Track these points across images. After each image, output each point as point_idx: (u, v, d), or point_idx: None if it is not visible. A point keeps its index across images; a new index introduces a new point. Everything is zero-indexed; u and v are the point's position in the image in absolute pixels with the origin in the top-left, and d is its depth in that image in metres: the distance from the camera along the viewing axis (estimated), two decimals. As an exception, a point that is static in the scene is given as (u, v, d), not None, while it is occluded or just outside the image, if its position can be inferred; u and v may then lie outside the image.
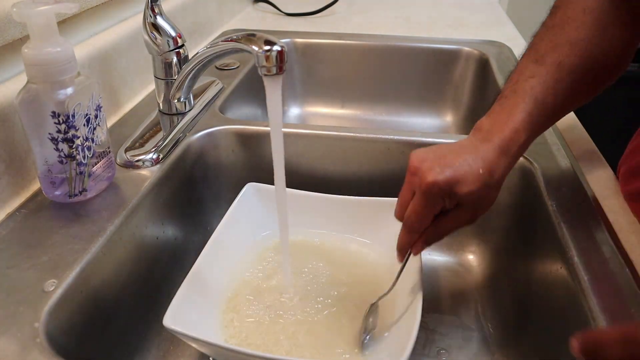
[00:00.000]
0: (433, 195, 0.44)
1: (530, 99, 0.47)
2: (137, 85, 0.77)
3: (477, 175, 0.43)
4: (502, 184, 0.47)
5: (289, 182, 0.51)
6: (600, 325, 0.40)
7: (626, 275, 0.45)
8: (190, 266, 0.51)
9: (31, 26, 0.46)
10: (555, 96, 0.48)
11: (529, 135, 0.47)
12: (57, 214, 0.52)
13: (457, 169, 0.43)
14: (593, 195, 0.56)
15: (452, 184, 0.43)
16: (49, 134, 0.49)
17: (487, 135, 0.46)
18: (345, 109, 1.06)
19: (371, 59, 1.02)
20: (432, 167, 0.44)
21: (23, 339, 0.39)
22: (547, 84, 0.47)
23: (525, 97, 0.47)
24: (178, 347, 0.58)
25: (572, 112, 0.75)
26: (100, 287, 0.49)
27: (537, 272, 0.56)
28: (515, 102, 0.47)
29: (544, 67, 0.48)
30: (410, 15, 1.21)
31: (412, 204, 0.46)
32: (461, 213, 0.46)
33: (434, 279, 0.67)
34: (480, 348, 0.58)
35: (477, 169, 0.44)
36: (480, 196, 0.45)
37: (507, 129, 0.45)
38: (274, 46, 0.45)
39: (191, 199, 0.68)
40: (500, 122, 0.46)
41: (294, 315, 0.53)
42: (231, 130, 0.70)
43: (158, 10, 0.66)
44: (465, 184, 0.43)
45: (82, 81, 0.50)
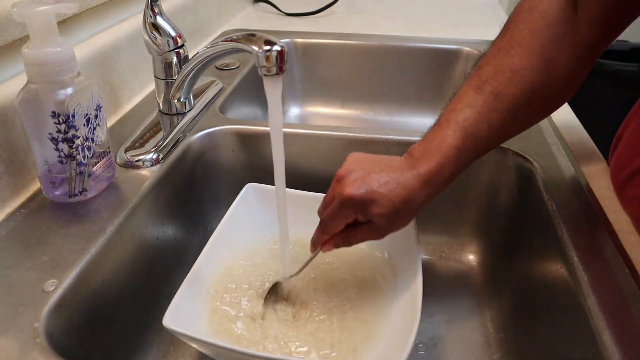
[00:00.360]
0: (347, 207, 0.47)
1: (461, 132, 0.47)
2: (137, 85, 0.77)
3: (392, 202, 0.45)
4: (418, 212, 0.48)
5: (289, 182, 0.51)
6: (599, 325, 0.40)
7: (626, 275, 0.45)
8: (190, 266, 0.51)
9: (31, 26, 0.46)
10: (490, 126, 0.47)
11: (455, 169, 0.47)
12: (57, 214, 0.52)
13: (375, 190, 0.45)
14: (593, 195, 0.56)
15: (367, 202, 0.45)
16: (49, 134, 0.49)
17: (415, 162, 0.47)
18: (345, 109, 1.06)
19: (371, 59, 1.02)
20: (355, 181, 0.46)
21: (23, 339, 0.39)
22: (482, 115, 0.47)
23: (457, 129, 0.47)
24: (178, 347, 0.58)
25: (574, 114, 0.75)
26: (100, 287, 0.49)
27: (537, 272, 0.56)
28: (446, 134, 0.47)
29: (482, 96, 0.47)
30: (410, 15, 1.21)
31: (330, 208, 0.49)
32: (371, 229, 0.48)
33: (434, 278, 0.67)
34: (480, 348, 0.58)
35: (395, 196, 0.45)
36: (391, 219, 0.47)
37: (433, 162, 0.46)
38: (274, 46, 0.45)
39: (191, 199, 0.68)
40: (429, 152, 0.47)
41: (293, 314, 0.53)
42: (231, 130, 0.70)
43: (158, 10, 0.66)
44: (378, 206, 0.45)
45: (82, 81, 0.50)
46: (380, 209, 0.46)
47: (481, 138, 0.47)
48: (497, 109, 0.47)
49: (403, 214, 0.47)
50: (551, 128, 0.69)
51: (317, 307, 0.54)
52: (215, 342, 0.43)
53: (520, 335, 0.56)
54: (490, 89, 0.47)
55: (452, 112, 0.48)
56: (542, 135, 0.67)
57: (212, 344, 0.43)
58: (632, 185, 0.51)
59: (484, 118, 0.47)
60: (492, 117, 0.47)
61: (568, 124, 0.72)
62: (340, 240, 0.50)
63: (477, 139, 0.47)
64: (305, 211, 0.62)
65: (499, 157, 0.65)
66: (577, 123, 0.72)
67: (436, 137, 0.47)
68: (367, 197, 0.45)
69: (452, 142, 0.47)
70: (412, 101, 1.04)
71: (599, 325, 0.40)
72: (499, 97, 0.47)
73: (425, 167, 0.47)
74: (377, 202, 0.45)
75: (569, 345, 0.45)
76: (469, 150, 0.47)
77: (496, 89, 0.47)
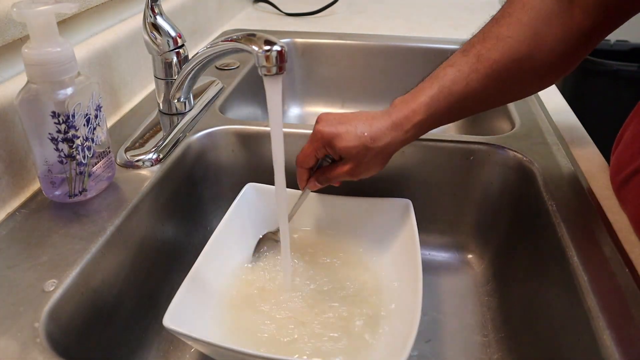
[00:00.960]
0: (316, 140, 0.52)
1: (437, 84, 0.50)
2: (137, 85, 0.77)
3: (357, 136, 0.50)
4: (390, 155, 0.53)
5: (289, 182, 0.51)
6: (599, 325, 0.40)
7: (626, 275, 0.45)
8: (190, 266, 0.51)
9: (31, 26, 0.46)
10: (467, 85, 0.49)
11: (426, 116, 0.50)
12: (57, 214, 0.52)
13: (343, 127, 0.50)
14: (593, 196, 0.56)
15: (333, 136, 0.50)
16: (49, 134, 0.49)
17: (391, 110, 0.52)
18: (345, 109, 1.06)
19: (371, 59, 1.02)
20: (327, 121, 0.52)
21: (23, 339, 0.39)
22: (461, 72, 0.50)
23: (434, 82, 0.50)
24: (178, 347, 0.58)
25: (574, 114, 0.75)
26: (100, 287, 0.48)
27: (537, 272, 0.56)
28: (424, 86, 0.51)
29: (465, 57, 0.50)
30: (410, 15, 1.21)
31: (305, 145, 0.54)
32: (343, 165, 0.52)
33: (434, 278, 0.67)
34: (480, 348, 0.58)
35: (362, 132, 0.50)
36: (359, 154, 0.51)
37: (406, 109, 0.51)
38: (274, 46, 0.45)
39: (191, 199, 0.68)
40: (405, 101, 0.51)
41: (294, 315, 0.53)
42: (231, 130, 0.70)
43: (158, 10, 0.66)
44: (344, 140, 0.50)
45: (82, 81, 0.50)
46: (346, 142, 0.50)
47: (457, 93, 0.50)
48: (476, 70, 0.49)
49: (372, 151, 0.50)
50: (551, 128, 0.69)
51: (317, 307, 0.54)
52: (215, 342, 0.43)
53: (520, 335, 0.56)
54: (474, 52, 0.50)
55: (437, 70, 0.51)
56: (542, 135, 0.67)
57: (212, 344, 0.43)
58: (630, 185, 0.51)
59: (463, 76, 0.49)
60: (471, 77, 0.49)
61: (568, 124, 0.72)
62: (320, 177, 0.54)
63: (451, 93, 0.50)
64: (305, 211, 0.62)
65: (499, 157, 0.65)
66: (577, 123, 0.72)
67: (416, 90, 0.51)
68: (334, 132, 0.50)
69: (429, 91, 0.50)
70: (412, 101, 1.04)
71: (599, 325, 0.40)
72: (480, 58, 0.49)
73: (397, 114, 0.51)
74: (342, 136, 0.50)
75: (569, 345, 0.45)
76: (441, 101, 0.50)
77: (479, 52, 0.49)
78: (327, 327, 0.51)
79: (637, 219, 0.49)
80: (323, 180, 0.55)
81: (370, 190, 0.64)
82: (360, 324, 0.52)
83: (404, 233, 0.58)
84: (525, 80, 0.51)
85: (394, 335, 0.50)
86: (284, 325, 0.51)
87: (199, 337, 0.43)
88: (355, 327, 0.51)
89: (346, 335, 0.50)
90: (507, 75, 0.49)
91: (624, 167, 0.53)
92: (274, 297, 0.55)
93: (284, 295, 0.55)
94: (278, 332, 0.51)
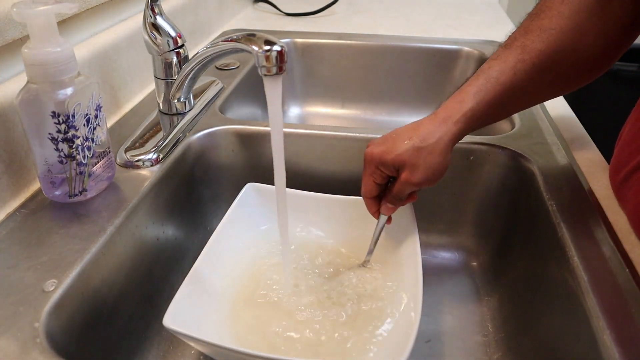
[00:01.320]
0: (368, 163, 0.51)
1: (483, 76, 0.50)
2: (137, 85, 0.77)
3: (404, 143, 0.49)
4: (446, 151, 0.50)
5: (289, 182, 0.51)
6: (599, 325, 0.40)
7: (626, 275, 0.45)
8: (190, 266, 0.51)
9: (31, 26, 0.46)
10: (514, 75, 0.49)
11: (474, 104, 0.49)
12: (57, 214, 0.52)
13: (390, 142, 0.50)
14: (593, 195, 0.56)
15: (382, 153, 0.50)
16: (49, 134, 0.49)
17: (438, 110, 0.50)
18: (345, 109, 1.06)
19: (371, 59, 1.02)
20: (375, 143, 0.51)
21: (23, 339, 0.39)
22: (507, 63, 0.49)
23: (480, 75, 0.50)
24: (178, 347, 0.58)
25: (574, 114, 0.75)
26: (100, 287, 0.48)
27: (537, 272, 0.56)
28: (470, 81, 0.50)
29: (510, 49, 0.50)
30: (410, 15, 1.21)
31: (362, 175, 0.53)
32: (403, 176, 0.50)
33: (434, 278, 0.67)
34: (480, 348, 0.58)
35: (409, 137, 0.49)
36: (411, 157, 0.49)
37: (453, 102, 0.50)
38: (274, 46, 0.45)
39: (191, 199, 0.68)
40: (451, 98, 0.51)
41: (293, 315, 0.53)
42: (231, 130, 0.70)
43: (158, 10, 0.66)
44: (393, 151, 0.49)
45: (82, 81, 0.50)
46: (396, 151, 0.49)
47: (505, 83, 0.49)
48: (523, 60, 0.49)
49: (424, 151, 0.49)
50: (551, 128, 0.69)
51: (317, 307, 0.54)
52: (215, 342, 0.43)
53: (520, 335, 0.56)
54: (518, 44, 0.50)
55: (481, 66, 0.51)
56: (542, 135, 0.67)
57: (212, 344, 0.43)
58: (629, 183, 0.51)
59: (510, 66, 0.49)
60: (518, 67, 0.49)
61: (568, 123, 0.72)
62: (389, 198, 0.52)
63: (499, 82, 0.49)
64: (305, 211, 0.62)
65: (499, 157, 0.65)
66: (577, 123, 0.72)
67: (461, 87, 0.51)
68: (382, 149, 0.49)
69: (475, 82, 0.50)
70: (412, 101, 1.04)
71: (599, 325, 0.40)
72: (526, 49, 0.49)
73: (444, 109, 0.50)
74: (390, 148, 0.49)
75: (569, 345, 0.45)
76: (489, 90, 0.49)
77: (524, 44, 0.49)
78: (327, 327, 0.51)
79: (636, 216, 0.49)
80: (392, 200, 0.52)
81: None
82: (360, 324, 0.52)
83: (404, 233, 0.58)
84: (571, 73, 0.51)
85: (394, 335, 0.50)
86: (284, 325, 0.51)
87: (199, 337, 0.43)
88: (355, 327, 0.51)
89: (346, 336, 0.50)
90: (553, 66, 0.49)
91: (623, 165, 0.53)
92: (274, 297, 0.55)
93: (284, 295, 0.55)
94: (278, 332, 0.51)
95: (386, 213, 0.54)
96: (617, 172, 0.54)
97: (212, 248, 0.55)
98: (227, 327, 0.51)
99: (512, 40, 0.51)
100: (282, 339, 0.50)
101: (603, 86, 1.60)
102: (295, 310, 0.53)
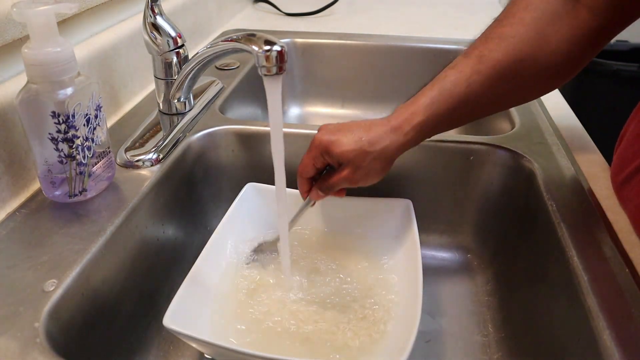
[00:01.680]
0: (314, 148, 0.52)
1: (437, 86, 0.49)
2: (137, 85, 0.77)
3: (354, 141, 0.49)
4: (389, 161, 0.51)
5: (289, 182, 0.51)
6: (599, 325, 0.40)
7: (626, 275, 0.45)
8: (190, 266, 0.51)
9: (31, 26, 0.46)
10: (468, 87, 0.48)
11: (425, 118, 0.49)
12: (57, 214, 0.52)
13: (340, 134, 0.50)
14: (593, 195, 0.56)
15: (330, 142, 0.50)
16: (49, 134, 0.49)
17: (391, 116, 0.51)
18: (345, 109, 1.06)
19: (371, 59, 1.02)
20: (326, 130, 0.51)
21: (23, 339, 0.39)
22: (463, 74, 0.48)
23: (435, 85, 0.49)
24: (178, 347, 0.58)
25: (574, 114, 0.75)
26: (100, 287, 0.48)
27: (537, 272, 0.56)
28: (425, 90, 0.50)
29: (468, 58, 0.49)
30: (410, 15, 1.21)
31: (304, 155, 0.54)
32: (342, 171, 0.51)
33: (434, 278, 0.67)
34: (480, 348, 0.58)
35: (359, 137, 0.49)
36: (356, 158, 0.49)
37: (406, 112, 0.50)
38: (274, 46, 0.45)
39: (191, 199, 0.68)
40: (405, 106, 0.50)
41: (293, 315, 0.53)
42: (231, 130, 0.70)
43: (158, 10, 0.66)
44: (340, 145, 0.50)
45: (82, 81, 0.50)
46: (343, 147, 0.49)
47: (458, 95, 0.48)
48: (478, 71, 0.48)
49: (370, 155, 0.49)
50: (551, 128, 0.69)
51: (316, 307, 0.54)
52: (216, 342, 0.43)
53: (520, 335, 0.56)
54: (476, 53, 0.49)
55: (438, 74, 0.50)
56: (542, 135, 0.67)
57: (212, 344, 0.43)
58: (632, 184, 0.51)
59: (464, 77, 0.48)
60: (473, 78, 0.48)
61: (568, 124, 0.72)
62: (321, 185, 0.53)
63: (452, 95, 0.48)
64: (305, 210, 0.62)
65: (499, 157, 0.65)
66: (577, 123, 0.72)
67: (416, 95, 0.51)
68: (332, 139, 0.50)
69: (429, 93, 0.49)
70: (412, 101, 1.04)
71: (599, 325, 0.40)
72: (483, 59, 0.48)
73: (396, 118, 0.50)
74: (339, 142, 0.50)
75: (569, 345, 0.45)
76: (441, 103, 0.49)
77: (481, 53, 0.48)
78: (327, 327, 0.51)
79: (637, 216, 0.49)
80: (324, 188, 0.53)
81: (370, 190, 0.64)
82: (361, 324, 0.52)
83: (405, 233, 0.58)
84: (530, 82, 0.50)
85: (394, 335, 0.50)
86: (284, 325, 0.51)
87: (199, 337, 0.43)
88: (355, 326, 0.51)
89: (346, 336, 0.50)
90: (511, 76, 0.48)
91: (625, 165, 0.53)
92: (274, 297, 0.55)
93: (284, 295, 0.55)
94: (278, 331, 0.51)
95: (315, 198, 0.55)
96: (620, 172, 0.53)
97: (212, 248, 0.55)
98: (227, 327, 0.51)
99: (472, 49, 0.49)
100: (282, 339, 0.50)
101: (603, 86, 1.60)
102: (296, 309, 0.53)
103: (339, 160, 0.50)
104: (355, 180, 0.51)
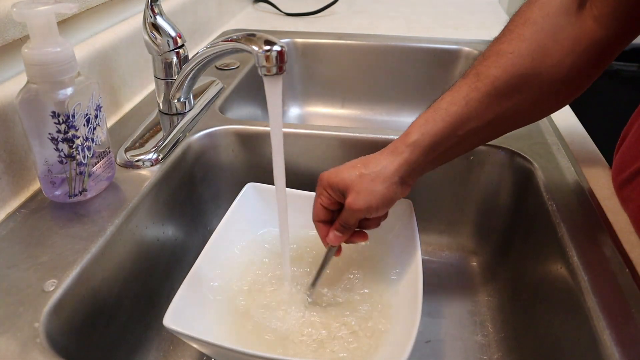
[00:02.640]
0: (318, 187, 0.52)
1: (433, 106, 0.49)
2: (137, 85, 0.77)
3: (351, 167, 0.50)
4: (389, 180, 0.49)
5: (289, 182, 0.51)
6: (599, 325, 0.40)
7: (626, 275, 0.45)
8: (190, 266, 0.51)
9: (31, 26, 0.46)
10: (467, 104, 0.47)
11: (419, 135, 0.48)
12: (57, 214, 0.52)
13: (339, 168, 0.51)
14: (593, 195, 0.56)
15: (329, 175, 0.51)
16: (49, 134, 0.49)
17: (386, 147, 0.51)
18: (345, 109, 1.07)
19: (371, 59, 1.02)
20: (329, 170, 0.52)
21: (23, 339, 0.39)
22: (459, 92, 0.48)
23: (431, 107, 0.49)
24: (178, 347, 0.58)
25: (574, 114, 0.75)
26: (100, 287, 0.49)
27: (537, 272, 0.56)
28: (420, 115, 0.50)
29: (465, 78, 0.48)
30: (410, 15, 1.21)
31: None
32: (347, 202, 0.50)
33: (434, 278, 0.67)
34: (480, 348, 0.58)
35: (355, 164, 0.50)
36: (354, 181, 0.49)
37: (401, 136, 0.50)
38: (274, 46, 0.45)
39: (191, 199, 0.68)
40: (402, 134, 0.50)
41: (293, 315, 0.53)
42: (231, 130, 0.70)
43: (158, 10, 0.66)
44: (338, 174, 0.50)
45: (82, 81, 0.50)
46: (342, 174, 0.50)
47: (455, 114, 0.47)
48: (476, 88, 0.47)
49: (367, 177, 0.49)
50: (551, 128, 0.69)
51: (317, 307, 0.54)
52: (216, 342, 0.43)
53: (520, 335, 0.56)
54: (474, 72, 0.48)
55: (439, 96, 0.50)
56: (542, 135, 0.67)
57: (212, 344, 0.43)
58: (633, 184, 0.51)
59: (461, 96, 0.47)
60: (470, 96, 0.47)
61: (568, 123, 0.72)
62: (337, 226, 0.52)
63: (448, 114, 0.48)
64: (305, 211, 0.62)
65: (499, 157, 0.65)
66: (577, 123, 0.72)
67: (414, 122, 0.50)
68: (331, 172, 0.51)
69: (421, 115, 0.49)
70: (412, 101, 1.04)
71: (599, 325, 0.40)
72: (480, 76, 0.47)
73: (393, 142, 0.50)
74: (338, 171, 0.50)
75: (569, 345, 0.45)
76: (437, 121, 0.48)
77: (478, 71, 0.47)
78: (327, 327, 0.51)
79: (639, 217, 0.49)
80: (338, 226, 0.52)
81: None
82: (361, 325, 0.52)
83: (405, 233, 0.58)
84: (534, 98, 0.47)
85: (394, 335, 0.50)
86: (284, 325, 0.51)
87: (199, 337, 0.43)
88: (355, 327, 0.51)
89: (346, 336, 0.50)
90: (511, 93, 0.46)
91: (627, 166, 0.52)
92: (274, 297, 0.55)
93: (284, 296, 0.55)
94: (278, 332, 0.51)
95: (333, 242, 0.52)
96: (621, 172, 0.53)
97: (212, 248, 0.55)
98: (227, 327, 0.51)
99: (470, 69, 0.48)
100: (282, 339, 0.50)
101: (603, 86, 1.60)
102: (295, 309, 0.53)
103: (339, 188, 0.50)
104: (359, 206, 0.49)
